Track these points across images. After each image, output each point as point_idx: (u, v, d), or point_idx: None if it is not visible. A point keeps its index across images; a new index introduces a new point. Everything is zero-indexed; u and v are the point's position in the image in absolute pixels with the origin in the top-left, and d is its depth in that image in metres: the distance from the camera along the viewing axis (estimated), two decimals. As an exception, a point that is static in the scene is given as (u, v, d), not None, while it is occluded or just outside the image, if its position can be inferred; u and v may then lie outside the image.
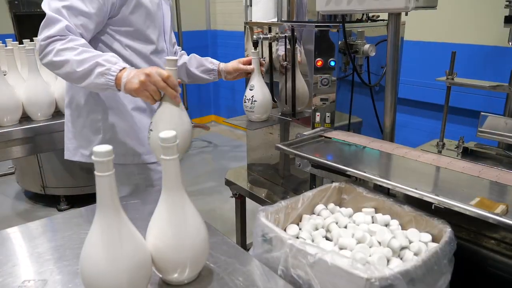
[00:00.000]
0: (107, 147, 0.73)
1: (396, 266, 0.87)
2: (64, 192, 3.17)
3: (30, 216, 3.19)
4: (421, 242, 1.03)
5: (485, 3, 2.59)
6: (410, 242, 1.04)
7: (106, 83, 1.26)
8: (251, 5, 2.21)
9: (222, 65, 1.82)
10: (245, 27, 2.03)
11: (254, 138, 2.18)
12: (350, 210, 1.20)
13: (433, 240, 1.04)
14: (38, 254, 1.01)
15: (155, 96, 1.22)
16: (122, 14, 1.43)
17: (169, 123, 1.23)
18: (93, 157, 0.72)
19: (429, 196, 1.06)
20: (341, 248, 1.04)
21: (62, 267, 0.96)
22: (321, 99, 1.79)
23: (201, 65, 1.82)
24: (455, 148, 1.76)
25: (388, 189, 1.23)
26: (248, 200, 2.13)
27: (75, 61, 1.27)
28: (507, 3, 1.68)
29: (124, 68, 1.27)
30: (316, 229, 1.14)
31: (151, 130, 1.25)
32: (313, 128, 1.78)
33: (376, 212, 1.17)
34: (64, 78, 1.38)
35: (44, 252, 1.03)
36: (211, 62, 1.83)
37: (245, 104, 1.85)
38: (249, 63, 1.78)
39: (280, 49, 1.86)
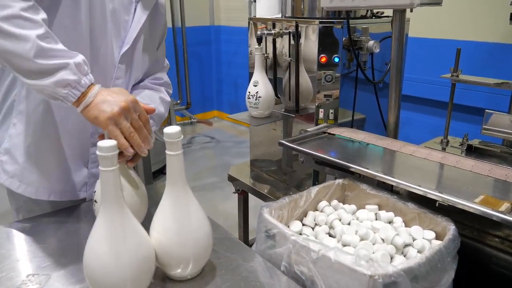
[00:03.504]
0: (111, 142, 0.73)
1: (400, 263, 0.86)
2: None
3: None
4: (425, 240, 1.03)
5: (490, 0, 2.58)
6: (414, 239, 1.04)
7: (65, 96, 0.88)
8: (255, 1, 2.21)
9: None
10: (249, 22, 2.03)
11: (257, 134, 2.18)
12: (353, 207, 1.20)
13: (437, 238, 1.04)
14: (41, 249, 1.01)
15: (131, 137, 0.90)
16: None
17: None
18: (97, 152, 0.72)
19: (433, 194, 1.06)
20: (344, 245, 1.04)
21: (66, 262, 0.96)
22: (325, 96, 1.78)
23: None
24: (460, 145, 1.75)
25: (392, 186, 1.23)
26: (250, 196, 2.14)
27: (36, 46, 0.84)
28: (513, 0, 1.66)
29: (92, 84, 0.91)
30: (319, 225, 1.14)
31: (95, 201, 0.99)
32: (317, 124, 1.78)
33: (379, 209, 1.17)
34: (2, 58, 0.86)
35: (47, 246, 1.03)
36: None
37: (249, 100, 1.85)
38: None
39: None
